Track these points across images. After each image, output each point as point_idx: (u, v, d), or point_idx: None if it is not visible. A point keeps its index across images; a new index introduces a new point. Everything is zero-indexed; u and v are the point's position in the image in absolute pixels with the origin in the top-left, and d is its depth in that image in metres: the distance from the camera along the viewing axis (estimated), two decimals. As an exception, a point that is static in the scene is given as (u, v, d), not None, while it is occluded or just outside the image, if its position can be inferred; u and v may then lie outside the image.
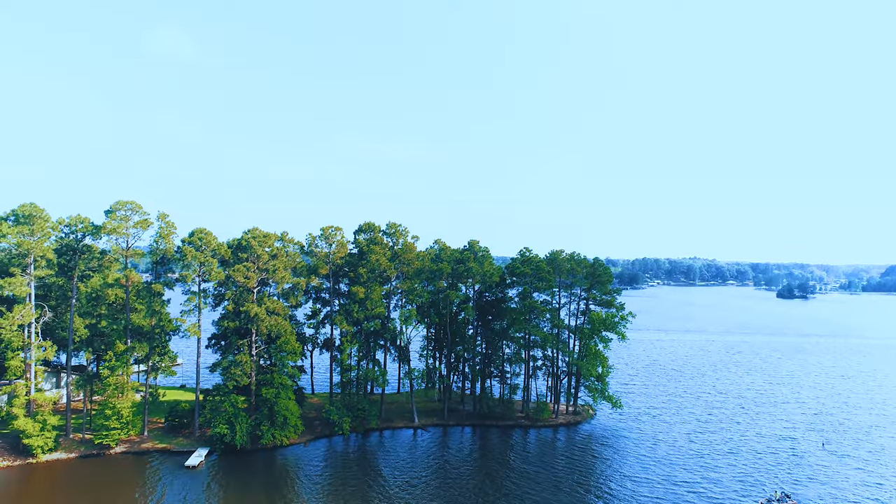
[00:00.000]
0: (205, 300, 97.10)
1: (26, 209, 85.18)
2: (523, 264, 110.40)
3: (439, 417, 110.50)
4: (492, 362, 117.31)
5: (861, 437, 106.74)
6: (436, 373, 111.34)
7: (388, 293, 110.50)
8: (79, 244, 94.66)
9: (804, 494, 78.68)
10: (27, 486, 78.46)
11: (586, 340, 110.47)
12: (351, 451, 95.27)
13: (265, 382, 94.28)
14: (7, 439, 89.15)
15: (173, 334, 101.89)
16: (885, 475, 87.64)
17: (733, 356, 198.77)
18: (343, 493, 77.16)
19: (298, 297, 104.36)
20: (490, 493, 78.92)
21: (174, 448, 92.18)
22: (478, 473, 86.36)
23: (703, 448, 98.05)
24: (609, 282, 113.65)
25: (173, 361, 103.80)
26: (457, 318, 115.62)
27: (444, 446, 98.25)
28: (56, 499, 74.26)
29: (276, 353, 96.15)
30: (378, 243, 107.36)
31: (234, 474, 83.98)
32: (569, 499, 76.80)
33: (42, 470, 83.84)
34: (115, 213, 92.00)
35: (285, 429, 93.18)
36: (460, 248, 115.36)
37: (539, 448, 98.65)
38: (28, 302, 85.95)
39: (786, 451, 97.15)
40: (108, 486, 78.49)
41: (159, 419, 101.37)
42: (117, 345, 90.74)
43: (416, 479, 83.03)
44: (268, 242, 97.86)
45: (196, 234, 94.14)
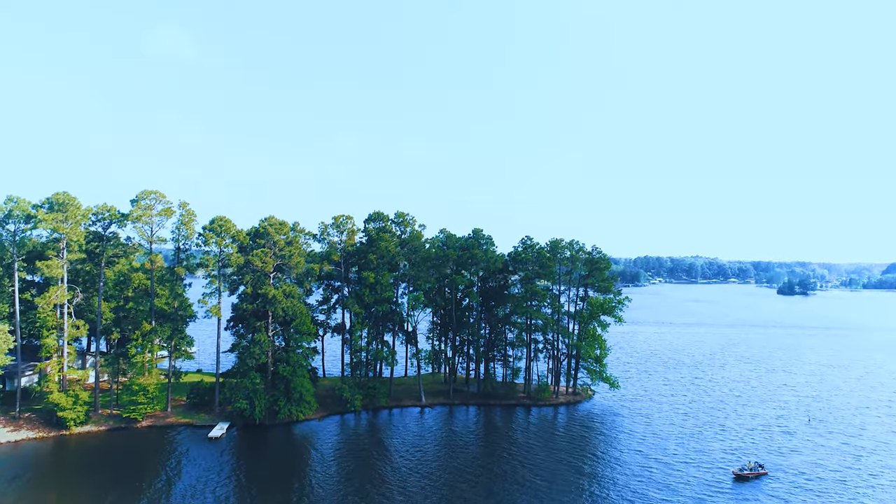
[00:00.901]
0: (224, 284, 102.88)
1: (60, 197, 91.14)
2: (525, 251, 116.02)
3: (445, 397, 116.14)
4: (495, 346, 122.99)
5: (846, 416, 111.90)
6: (442, 355, 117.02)
7: (396, 279, 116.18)
8: (106, 231, 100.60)
9: (786, 464, 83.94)
10: (61, 455, 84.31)
11: (585, 324, 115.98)
12: (362, 427, 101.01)
13: (282, 361, 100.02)
14: (41, 414, 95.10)
15: (192, 320, 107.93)
16: (864, 447, 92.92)
17: (730, 347, 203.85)
18: (355, 464, 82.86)
19: (312, 282, 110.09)
20: (493, 465, 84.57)
21: (196, 423, 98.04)
22: (482, 447, 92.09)
23: (695, 425, 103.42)
24: (606, 269, 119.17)
25: (190, 346, 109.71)
26: (461, 304, 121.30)
27: (450, 423, 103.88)
28: (89, 466, 79.93)
29: (292, 335, 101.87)
30: (387, 231, 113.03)
31: (252, 446, 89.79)
32: (567, 469, 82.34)
33: (74, 441, 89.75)
34: (140, 202, 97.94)
35: (301, 405, 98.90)
36: (465, 236, 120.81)
37: (540, 424, 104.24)
38: (61, 284, 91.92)
39: (773, 428, 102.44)
40: (136, 454, 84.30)
41: (181, 398, 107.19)
42: (143, 325, 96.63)
43: (424, 451, 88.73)
44: (283, 230, 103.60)
45: (216, 221, 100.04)
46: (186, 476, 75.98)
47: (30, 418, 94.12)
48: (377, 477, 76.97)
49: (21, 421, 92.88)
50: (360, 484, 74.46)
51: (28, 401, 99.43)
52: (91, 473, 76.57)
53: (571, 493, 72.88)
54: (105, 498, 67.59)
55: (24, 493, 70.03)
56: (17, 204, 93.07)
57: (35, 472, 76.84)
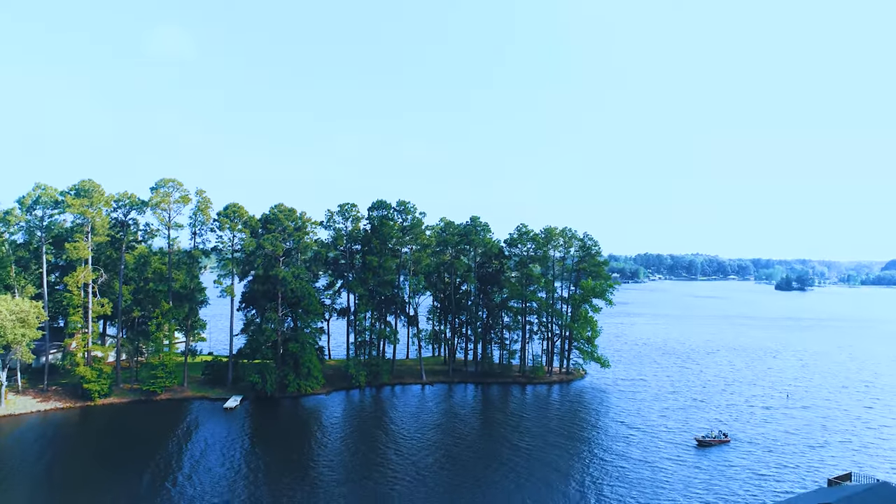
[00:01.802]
0: (237, 267, 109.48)
1: (86, 184, 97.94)
2: (520, 237, 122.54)
3: (445, 376, 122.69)
4: (492, 329, 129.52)
5: (824, 395, 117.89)
6: (442, 335, 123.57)
7: (398, 265, 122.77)
8: (126, 217, 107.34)
9: (753, 433, 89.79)
10: (87, 422, 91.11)
11: (577, 307, 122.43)
12: (366, 400, 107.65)
13: (291, 340, 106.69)
14: (67, 387, 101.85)
15: (204, 305, 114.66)
16: (835, 420, 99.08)
17: (721, 337, 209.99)
18: (359, 432, 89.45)
19: (318, 267, 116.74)
20: (489, 431, 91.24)
21: (211, 396, 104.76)
22: (478, 417, 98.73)
23: (678, 402, 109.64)
24: (598, 254, 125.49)
25: (203, 329, 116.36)
26: (460, 289, 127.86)
27: (450, 398, 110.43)
28: (113, 432, 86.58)
29: (301, 315, 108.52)
30: (390, 219, 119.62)
31: (264, 416, 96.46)
32: (555, 434, 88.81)
33: (99, 411, 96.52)
34: (158, 190, 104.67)
35: (309, 379, 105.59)
36: (463, 223, 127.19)
37: (534, 399, 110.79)
38: (87, 265, 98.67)
39: (753, 405, 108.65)
40: (157, 422, 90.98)
41: (196, 374, 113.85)
42: (163, 304, 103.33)
43: (423, 420, 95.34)
44: (292, 216, 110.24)
45: (230, 207, 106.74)
46: (203, 441, 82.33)
47: (57, 391, 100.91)
48: (379, 442, 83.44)
49: (49, 393, 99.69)
50: (362, 449, 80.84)
51: (54, 376, 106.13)
52: (116, 438, 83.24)
53: (557, 453, 79.38)
54: (129, 459, 73.84)
55: (55, 455, 76.67)
56: (45, 191, 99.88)
57: (63, 438, 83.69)
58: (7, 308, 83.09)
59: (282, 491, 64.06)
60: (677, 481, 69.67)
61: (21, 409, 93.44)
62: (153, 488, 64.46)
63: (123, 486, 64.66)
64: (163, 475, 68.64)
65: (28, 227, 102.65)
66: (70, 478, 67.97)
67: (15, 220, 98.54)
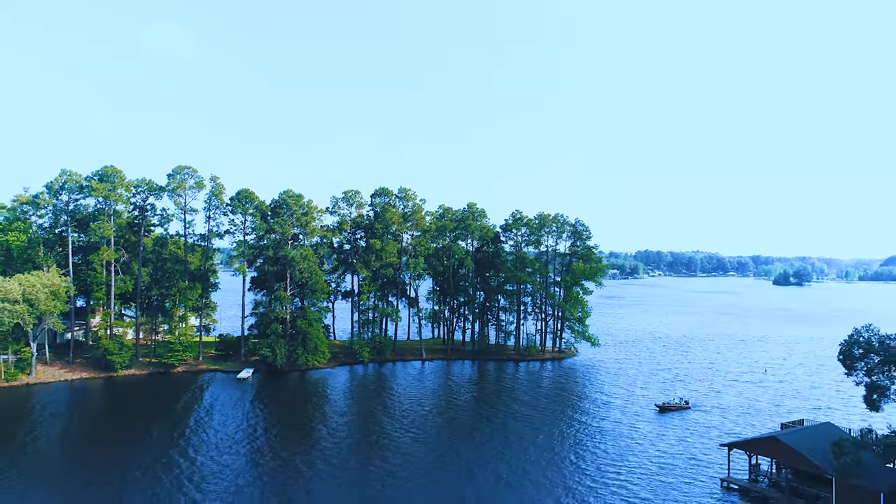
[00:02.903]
0: (248, 248, 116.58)
1: (109, 170, 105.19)
2: (515, 222, 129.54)
3: (444, 354, 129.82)
4: (488, 311, 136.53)
5: (801, 372, 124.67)
6: (441, 314, 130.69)
7: (399, 250, 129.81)
8: (145, 202, 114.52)
9: (718, 401, 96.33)
10: (111, 390, 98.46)
11: (569, 288, 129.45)
12: (369, 374, 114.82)
13: (299, 317, 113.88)
14: (90, 360, 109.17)
15: (215, 290, 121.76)
16: (802, 390, 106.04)
17: (714, 325, 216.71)
18: (361, 399, 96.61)
19: (324, 251, 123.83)
20: (484, 398, 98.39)
21: (225, 369, 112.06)
22: (474, 387, 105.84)
23: (662, 378, 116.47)
24: (589, 238, 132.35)
25: (213, 311, 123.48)
26: (458, 272, 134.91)
27: (448, 372, 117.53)
28: (135, 399, 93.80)
29: (308, 294, 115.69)
30: (392, 205, 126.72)
31: (274, 386, 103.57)
32: (545, 400, 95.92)
33: (121, 381, 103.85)
34: (175, 176, 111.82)
35: (316, 354, 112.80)
36: (461, 209, 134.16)
37: (526, 373, 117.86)
38: (111, 245, 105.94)
39: (732, 379, 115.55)
40: (175, 391, 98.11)
41: (210, 350, 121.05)
42: (179, 283, 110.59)
43: (422, 390, 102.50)
44: (300, 202, 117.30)
45: (242, 193, 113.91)
46: (219, 408, 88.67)
47: (81, 363, 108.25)
48: (380, 407, 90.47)
49: (74, 365, 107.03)
50: (364, 412, 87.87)
51: (78, 351, 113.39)
52: (137, 403, 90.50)
53: (543, 416, 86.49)
54: (150, 421, 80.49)
55: (82, 415, 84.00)
56: (70, 176, 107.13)
57: (89, 402, 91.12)
58: (40, 282, 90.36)
59: (290, 449, 69.84)
60: (636, 435, 77.46)
61: (50, 378, 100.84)
62: (173, 445, 70.66)
63: (145, 443, 71.16)
64: (181, 434, 75.42)
65: (54, 211, 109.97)
66: (96, 434, 75.09)
67: (43, 204, 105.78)
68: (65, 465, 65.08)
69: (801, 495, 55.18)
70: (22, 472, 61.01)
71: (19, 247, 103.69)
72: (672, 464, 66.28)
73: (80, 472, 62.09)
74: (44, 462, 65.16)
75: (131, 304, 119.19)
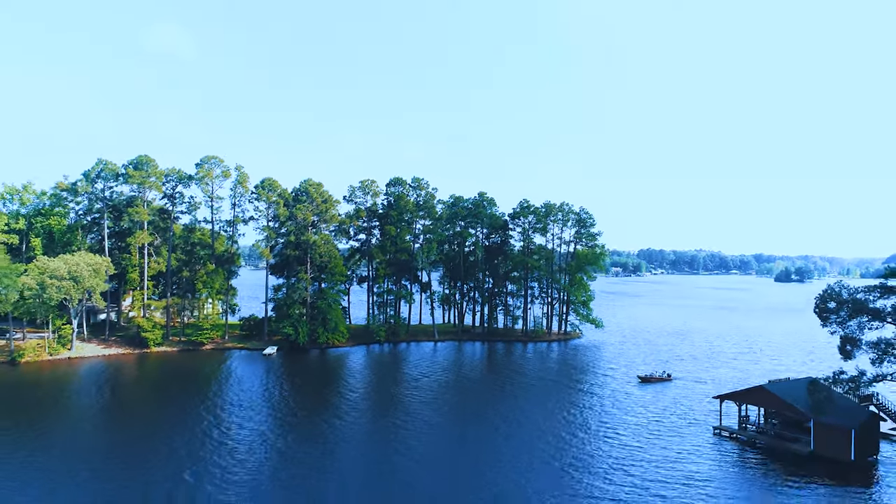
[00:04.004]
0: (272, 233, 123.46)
1: (143, 159, 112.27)
2: (522, 211, 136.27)
3: (455, 335, 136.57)
4: (497, 296, 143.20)
5: (793, 354, 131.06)
6: (452, 297, 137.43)
7: (413, 236, 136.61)
8: (174, 190, 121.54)
9: (702, 374, 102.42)
10: (144, 364, 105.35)
11: (574, 273, 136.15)
12: (385, 352, 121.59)
13: (320, 297, 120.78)
14: (124, 338, 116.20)
15: (236, 276, 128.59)
16: (792, 367, 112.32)
17: (715, 315, 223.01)
18: (378, 374, 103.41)
19: (342, 236, 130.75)
20: (493, 372, 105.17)
21: (250, 346, 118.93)
22: (484, 364, 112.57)
23: (660, 356, 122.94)
24: (592, 225, 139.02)
25: (234, 296, 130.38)
26: (468, 259, 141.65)
27: (460, 351, 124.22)
28: (167, 372, 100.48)
29: (328, 276, 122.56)
30: (406, 194, 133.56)
31: (297, 362, 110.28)
32: (549, 375, 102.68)
33: (154, 356, 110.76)
34: (203, 166, 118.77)
35: (335, 333, 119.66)
36: (472, 198, 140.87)
37: (534, 353, 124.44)
38: (145, 229, 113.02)
39: (725, 359, 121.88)
40: (205, 366, 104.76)
41: (235, 331, 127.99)
42: (207, 265, 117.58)
43: (434, 367, 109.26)
44: (320, 189, 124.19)
45: (266, 181, 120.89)
46: (247, 378, 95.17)
47: (116, 340, 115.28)
48: (395, 379, 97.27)
49: (110, 342, 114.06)
50: (381, 384, 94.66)
51: (112, 331, 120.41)
52: (170, 376, 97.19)
53: (546, 386, 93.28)
54: (182, 392, 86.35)
55: (118, 386, 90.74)
56: (106, 165, 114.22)
57: (125, 374, 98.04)
58: (84, 261, 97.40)
59: (311, 418, 74.47)
60: (632, 399, 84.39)
61: (88, 353, 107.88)
62: (203, 413, 74.94)
63: (178, 412, 76.12)
64: (211, 403, 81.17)
65: (89, 198, 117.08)
66: (131, 403, 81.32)
67: (82, 191, 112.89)
68: (113, 421, 72.09)
69: (783, 438, 61.72)
70: (75, 429, 67.98)
71: (60, 230, 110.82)
72: (666, 418, 72.89)
73: (132, 426, 69.07)
74: (94, 420, 72.12)
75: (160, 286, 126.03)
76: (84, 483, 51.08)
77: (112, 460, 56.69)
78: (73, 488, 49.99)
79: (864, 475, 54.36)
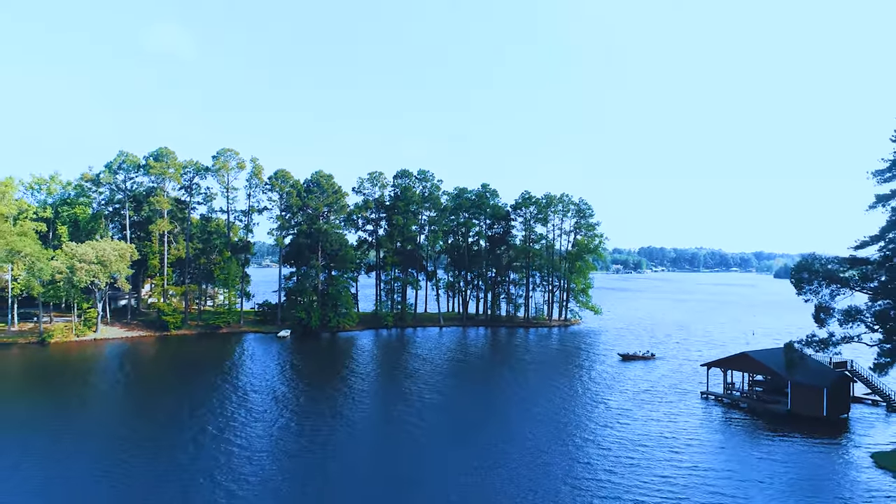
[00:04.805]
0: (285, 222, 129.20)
1: (163, 151, 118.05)
2: (524, 201, 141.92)
3: (459, 322, 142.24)
4: (499, 285, 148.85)
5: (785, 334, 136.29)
6: (457, 285, 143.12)
7: (419, 226, 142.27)
8: (191, 182, 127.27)
9: (688, 354, 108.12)
10: (165, 345, 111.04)
11: (573, 261, 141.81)
12: (393, 336, 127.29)
13: (331, 283, 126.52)
14: (145, 321, 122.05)
15: (249, 266, 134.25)
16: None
17: (710, 309, 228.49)
18: (384, 354, 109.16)
19: (351, 226, 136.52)
20: (495, 352, 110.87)
21: (264, 330, 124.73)
22: (487, 345, 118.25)
23: (655, 340, 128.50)
24: (591, 216, 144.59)
25: (247, 284, 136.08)
26: (472, 248, 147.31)
27: (464, 335, 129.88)
28: (187, 353, 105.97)
29: (339, 263, 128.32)
30: (412, 185, 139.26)
31: (309, 344, 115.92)
32: (549, 355, 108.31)
33: (174, 339, 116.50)
34: (219, 158, 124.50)
35: (346, 318, 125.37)
36: (476, 189, 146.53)
37: (535, 337, 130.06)
38: (165, 217, 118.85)
39: (718, 341, 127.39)
40: (222, 347, 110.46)
41: (249, 316, 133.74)
42: (224, 252, 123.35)
43: (439, 348, 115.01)
44: (330, 181, 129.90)
45: (279, 172, 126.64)
46: (262, 357, 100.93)
47: (138, 324, 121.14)
48: (402, 359, 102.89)
49: (132, 325, 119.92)
50: (388, 362, 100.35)
51: (134, 315, 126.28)
52: (189, 356, 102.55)
53: (543, 359, 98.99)
54: (201, 370, 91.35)
55: (141, 364, 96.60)
56: (128, 157, 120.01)
57: (147, 354, 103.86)
58: (110, 246, 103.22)
59: (323, 385, 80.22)
60: (608, 371, 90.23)
61: (112, 335, 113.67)
62: (221, 383, 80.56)
63: (200, 380, 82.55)
64: (229, 373, 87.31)
65: (111, 188, 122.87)
66: (157, 375, 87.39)
67: (105, 181, 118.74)
68: (142, 389, 77.96)
69: (764, 401, 67.29)
70: (108, 394, 73.86)
71: (84, 219, 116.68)
72: (656, 388, 78.49)
73: (159, 393, 74.90)
74: (125, 388, 77.94)
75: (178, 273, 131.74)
76: (126, 437, 56.72)
77: (143, 419, 62.19)
78: (112, 441, 55.53)
79: (834, 429, 59.89)
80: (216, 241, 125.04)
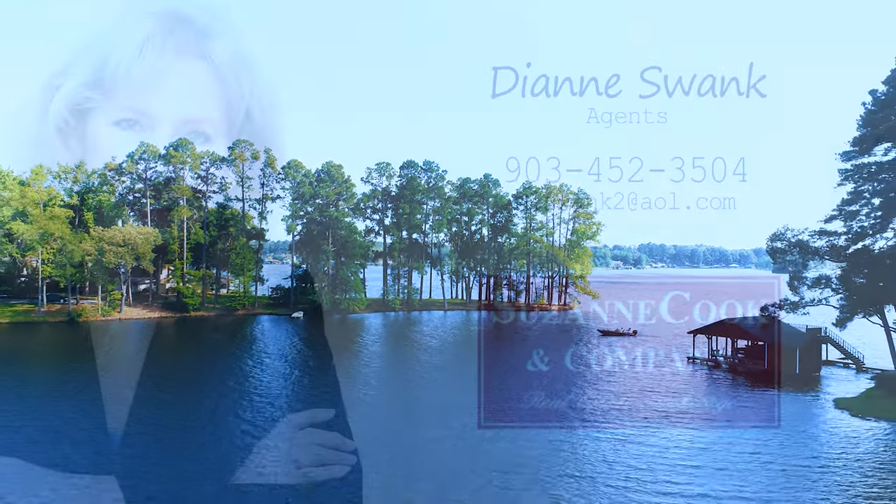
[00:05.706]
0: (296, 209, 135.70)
1: (182, 141, 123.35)
2: (525, 191, 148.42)
3: (463, 306, 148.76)
4: (501, 271, 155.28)
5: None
6: (460, 272, 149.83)
7: (424, 215, 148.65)
8: (207, 172, 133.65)
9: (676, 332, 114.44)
10: (186, 325, 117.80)
11: (572, 248, 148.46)
12: (400, 318, 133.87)
13: (340, 269, 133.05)
14: (166, 304, 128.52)
15: (264, 252, 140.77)
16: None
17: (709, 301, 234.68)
18: (394, 331, 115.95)
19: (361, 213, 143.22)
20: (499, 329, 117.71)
21: (278, 312, 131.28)
22: (490, 323, 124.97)
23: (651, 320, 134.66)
24: (589, 205, 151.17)
25: (261, 269, 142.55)
26: (475, 237, 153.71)
27: (467, 317, 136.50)
28: (206, 331, 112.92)
29: (348, 249, 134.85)
30: (418, 176, 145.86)
31: (319, 325, 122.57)
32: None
33: (193, 320, 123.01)
34: (235, 149, 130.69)
35: (355, 301, 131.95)
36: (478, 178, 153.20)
37: (536, 318, 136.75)
38: (185, 204, 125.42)
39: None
40: (240, 325, 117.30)
41: (263, 299, 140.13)
42: (240, 238, 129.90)
43: (444, 328, 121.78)
44: (340, 170, 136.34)
45: (292, 162, 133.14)
46: (276, 333, 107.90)
47: (158, 306, 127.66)
48: (409, 333, 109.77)
49: (153, 307, 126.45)
50: (396, 338, 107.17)
51: (154, 298, 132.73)
52: (209, 334, 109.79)
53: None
54: (220, 345, 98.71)
55: (164, 342, 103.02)
56: (148, 147, 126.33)
57: (169, 332, 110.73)
58: (135, 231, 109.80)
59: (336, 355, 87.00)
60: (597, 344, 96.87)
61: (135, 315, 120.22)
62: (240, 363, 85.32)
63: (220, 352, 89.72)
64: (248, 345, 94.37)
65: (132, 178, 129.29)
66: (181, 347, 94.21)
67: (127, 170, 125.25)
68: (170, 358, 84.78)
69: (745, 363, 73.78)
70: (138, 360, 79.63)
71: (108, 206, 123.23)
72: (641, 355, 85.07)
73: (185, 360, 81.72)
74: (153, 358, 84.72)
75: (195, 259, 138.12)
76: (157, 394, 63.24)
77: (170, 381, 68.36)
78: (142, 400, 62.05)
79: (805, 384, 66.36)
80: (232, 228, 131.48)
